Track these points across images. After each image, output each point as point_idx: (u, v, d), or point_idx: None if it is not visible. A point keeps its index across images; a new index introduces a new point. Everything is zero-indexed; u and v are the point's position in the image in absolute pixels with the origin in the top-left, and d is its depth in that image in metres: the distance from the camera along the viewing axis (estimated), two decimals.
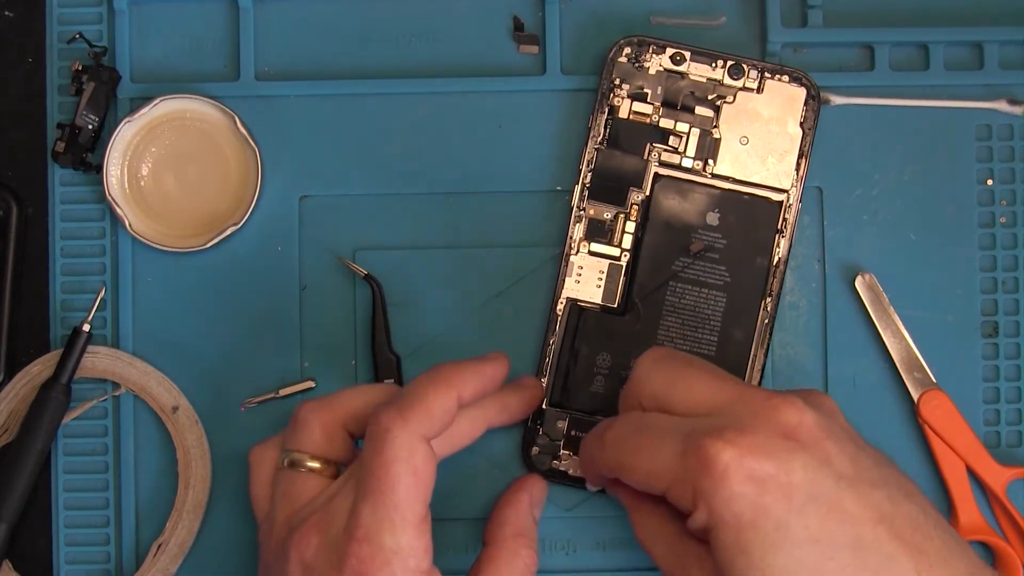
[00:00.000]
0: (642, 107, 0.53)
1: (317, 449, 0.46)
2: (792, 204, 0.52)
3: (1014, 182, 0.54)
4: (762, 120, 0.52)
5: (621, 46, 0.52)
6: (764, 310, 0.52)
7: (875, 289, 0.53)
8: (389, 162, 0.54)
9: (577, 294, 0.52)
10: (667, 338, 0.52)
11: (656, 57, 0.52)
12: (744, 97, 0.52)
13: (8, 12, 0.56)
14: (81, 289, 0.54)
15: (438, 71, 0.54)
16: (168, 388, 0.53)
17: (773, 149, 0.52)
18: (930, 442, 0.53)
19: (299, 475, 0.46)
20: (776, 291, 0.52)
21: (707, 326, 0.52)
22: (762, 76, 0.52)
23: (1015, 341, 0.53)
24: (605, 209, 0.53)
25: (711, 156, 0.52)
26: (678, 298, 0.52)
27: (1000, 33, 0.54)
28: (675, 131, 0.52)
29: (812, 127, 0.52)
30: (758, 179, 0.52)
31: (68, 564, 0.54)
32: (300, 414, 0.47)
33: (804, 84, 0.52)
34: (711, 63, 0.52)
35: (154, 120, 0.54)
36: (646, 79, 0.53)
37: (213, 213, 0.54)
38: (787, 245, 0.52)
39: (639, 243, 0.52)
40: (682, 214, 0.52)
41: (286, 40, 0.55)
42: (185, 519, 0.53)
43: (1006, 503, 0.52)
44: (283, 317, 0.54)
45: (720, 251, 0.52)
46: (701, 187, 0.52)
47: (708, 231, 0.52)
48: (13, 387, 0.54)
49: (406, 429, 0.43)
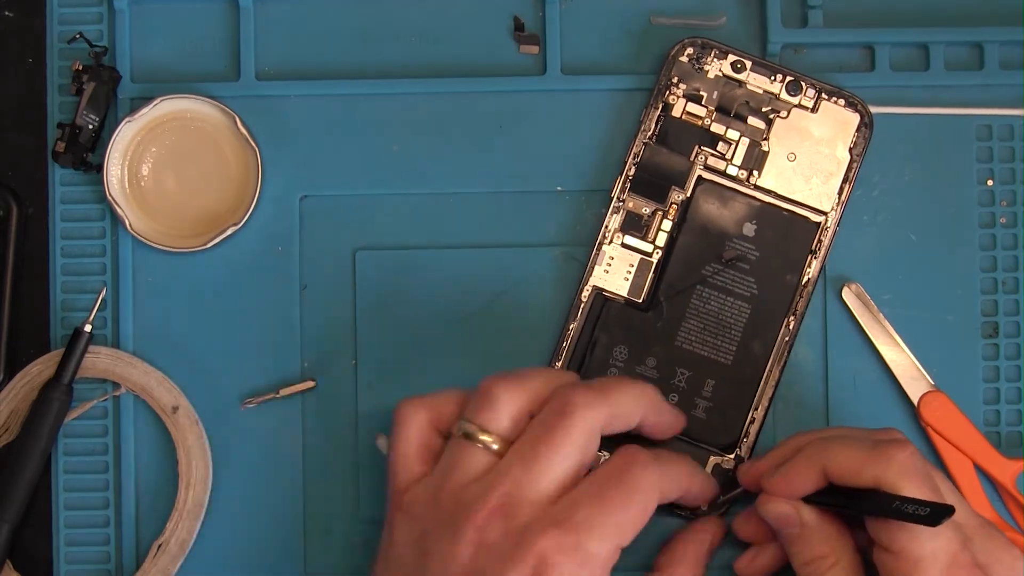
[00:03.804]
0: (696, 109, 0.53)
1: (503, 431, 0.45)
2: (830, 227, 0.52)
3: (1014, 182, 0.54)
4: (812, 140, 0.52)
5: (684, 45, 0.52)
6: (786, 327, 0.52)
7: (863, 298, 0.53)
8: (389, 162, 0.54)
9: (604, 284, 0.52)
10: (686, 340, 0.52)
11: (717, 62, 0.52)
12: (798, 114, 0.52)
13: (8, 12, 0.56)
14: (81, 289, 0.54)
15: (438, 71, 0.54)
16: (168, 388, 0.53)
17: (819, 170, 0.52)
18: (934, 443, 0.53)
19: (476, 449, 0.45)
20: (801, 311, 0.52)
21: (728, 334, 0.52)
22: (819, 96, 0.52)
23: (1015, 342, 0.53)
24: (644, 204, 0.53)
25: (757, 168, 0.52)
26: (703, 302, 0.52)
27: (1000, 33, 0.54)
28: (725, 137, 0.52)
29: (861, 154, 0.52)
30: (800, 197, 0.52)
31: (68, 564, 0.54)
32: (492, 390, 0.46)
33: (859, 111, 0.52)
34: (771, 76, 0.52)
35: (154, 120, 0.54)
36: (703, 82, 0.53)
37: (213, 213, 0.54)
38: (818, 267, 0.52)
39: (673, 243, 0.52)
40: (719, 220, 0.52)
41: (286, 40, 0.55)
42: (185, 519, 0.53)
43: (1017, 496, 0.52)
44: (283, 317, 0.54)
45: (752, 263, 0.52)
46: (742, 196, 0.52)
47: (743, 241, 0.52)
48: (13, 387, 0.54)
49: (661, 475, 0.45)
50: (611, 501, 0.44)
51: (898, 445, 0.46)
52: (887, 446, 0.46)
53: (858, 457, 0.46)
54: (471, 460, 0.45)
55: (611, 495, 0.44)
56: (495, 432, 0.45)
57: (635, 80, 0.53)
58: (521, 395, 0.46)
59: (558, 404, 0.45)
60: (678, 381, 0.52)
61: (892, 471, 0.45)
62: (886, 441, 0.46)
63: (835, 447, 0.47)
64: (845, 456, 0.46)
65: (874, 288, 0.53)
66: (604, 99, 0.54)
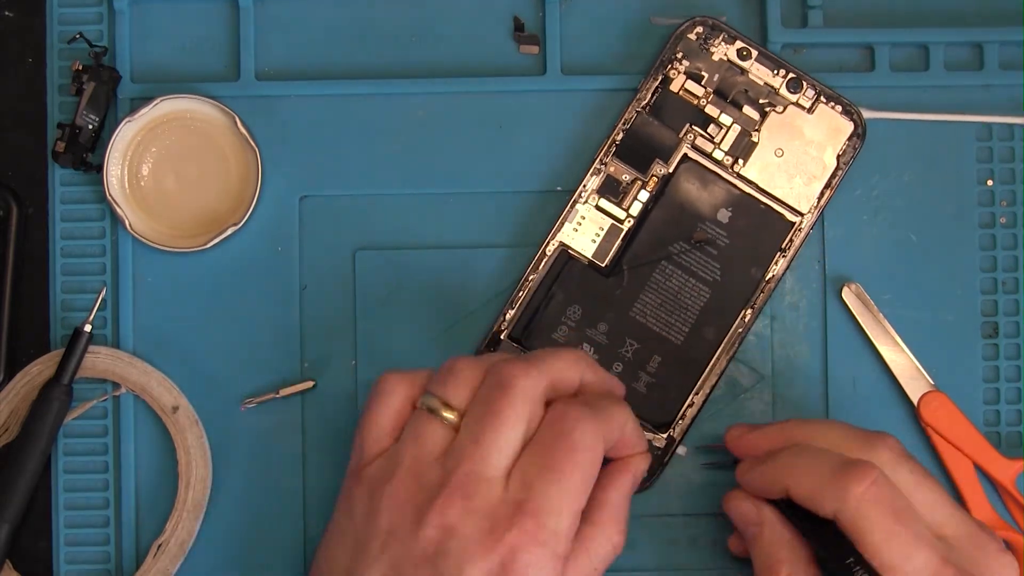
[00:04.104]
0: (694, 87, 0.53)
1: (462, 406, 0.45)
2: (803, 229, 0.52)
3: (1014, 182, 0.54)
4: (803, 140, 0.52)
5: (695, 23, 0.53)
6: (742, 319, 0.52)
7: (863, 298, 0.53)
8: (389, 162, 0.54)
9: (571, 241, 0.52)
10: (641, 313, 0.52)
11: (724, 46, 0.52)
12: (793, 112, 0.52)
13: (8, 12, 0.56)
14: (81, 289, 0.54)
15: (438, 71, 0.54)
16: (168, 388, 0.53)
17: (803, 171, 0.52)
18: (934, 443, 0.53)
19: (436, 423, 0.45)
20: (759, 306, 0.52)
21: (683, 315, 0.52)
22: (818, 98, 0.52)
23: (1015, 342, 0.53)
24: (625, 171, 0.53)
25: (743, 156, 0.52)
26: (664, 279, 0.52)
27: (1000, 33, 0.54)
28: (718, 121, 0.53)
29: (848, 163, 0.52)
30: (780, 194, 0.52)
31: (68, 564, 0.54)
32: (456, 366, 0.46)
33: (854, 120, 0.52)
34: (774, 69, 0.52)
35: (154, 120, 0.54)
36: (707, 63, 0.53)
37: (213, 213, 0.54)
38: (784, 266, 0.52)
39: (646, 214, 0.52)
40: (696, 201, 0.52)
41: (286, 40, 0.55)
42: (185, 519, 0.53)
43: (1017, 496, 0.52)
44: (283, 317, 0.54)
45: (720, 249, 0.52)
46: (723, 182, 0.52)
47: (715, 226, 0.52)
48: (13, 387, 0.54)
49: (597, 425, 0.44)
50: (559, 468, 0.43)
51: (860, 473, 0.44)
52: (848, 473, 0.45)
53: (819, 483, 0.45)
54: (431, 434, 0.45)
55: (557, 461, 0.43)
56: (456, 407, 0.45)
57: (635, 80, 0.53)
58: (482, 372, 0.45)
59: (494, 379, 0.44)
60: (625, 351, 0.52)
61: (850, 505, 0.44)
62: (851, 465, 0.45)
63: (801, 466, 0.46)
64: (807, 480, 0.46)
65: (874, 288, 0.53)
66: (604, 99, 0.54)
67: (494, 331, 0.52)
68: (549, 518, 0.43)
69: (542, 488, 0.43)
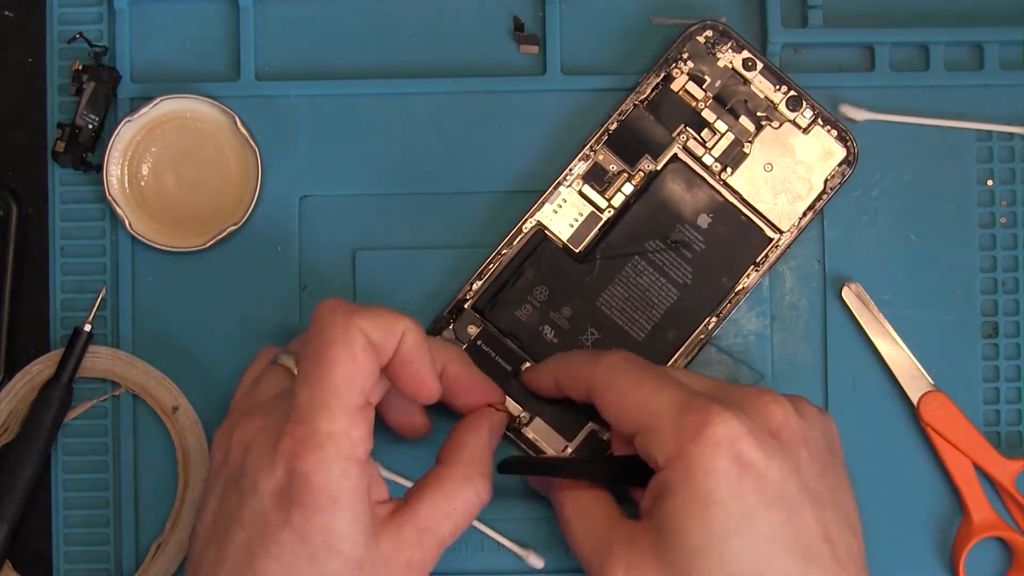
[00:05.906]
0: (695, 90, 0.53)
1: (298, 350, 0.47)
2: (780, 247, 0.52)
3: (1014, 182, 0.54)
4: (794, 158, 0.52)
5: (705, 26, 0.53)
6: (705, 326, 0.52)
7: (863, 298, 0.53)
8: (389, 162, 0.54)
9: (548, 223, 0.53)
10: (607, 304, 0.52)
11: (731, 53, 0.52)
12: (789, 129, 0.52)
13: (8, 12, 0.56)
14: (81, 289, 0.54)
15: (438, 71, 0.54)
16: (168, 388, 0.53)
17: (790, 189, 0.52)
18: (934, 443, 0.53)
19: (275, 369, 0.47)
20: (724, 315, 0.52)
21: (648, 312, 0.52)
22: (815, 120, 0.52)
23: (1015, 342, 0.53)
24: (613, 162, 0.53)
25: (732, 165, 0.53)
26: (635, 274, 0.52)
27: (1000, 33, 0.54)
28: (713, 126, 0.53)
29: (834, 188, 0.52)
30: (763, 208, 0.52)
31: (68, 564, 0.54)
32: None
33: (847, 147, 0.52)
34: (776, 85, 0.52)
35: (154, 120, 0.54)
36: (711, 67, 0.53)
37: (213, 213, 0.54)
38: (756, 279, 0.52)
39: (627, 207, 0.53)
40: (679, 203, 0.52)
41: (286, 40, 0.55)
42: (185, 519, 0.53)
43: (1017, 496, 0.52)
44: (283, 317, 0.54)
45: (695, 253, 0.52)
46: (708, 188, 0.52)
47: (694, 230, 0.52)
48: (13, 387, 0.54)
49: (350, 317, 0.43)
50: (315, 366, 0.43)
51: (612, 352, 0.47)
52: (600, 354, 0.47)
53: (579, 361, 0.48)
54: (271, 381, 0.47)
55: (312, 361, 0.43)
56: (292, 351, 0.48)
57: (635, 81, 0.53)
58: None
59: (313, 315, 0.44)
60: (585, 339, 0.52)
61: (600, 370, 0.46)
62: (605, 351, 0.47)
63: (565, 359, 0.49)
64: (570, 362, 0.49)
65: (874, 288, 0.53)
66: (604, 99, 0.54)
67: (458, 299, 0.52)
68: (318, 421, 0.42)
69: (303, 390, 0.43)
